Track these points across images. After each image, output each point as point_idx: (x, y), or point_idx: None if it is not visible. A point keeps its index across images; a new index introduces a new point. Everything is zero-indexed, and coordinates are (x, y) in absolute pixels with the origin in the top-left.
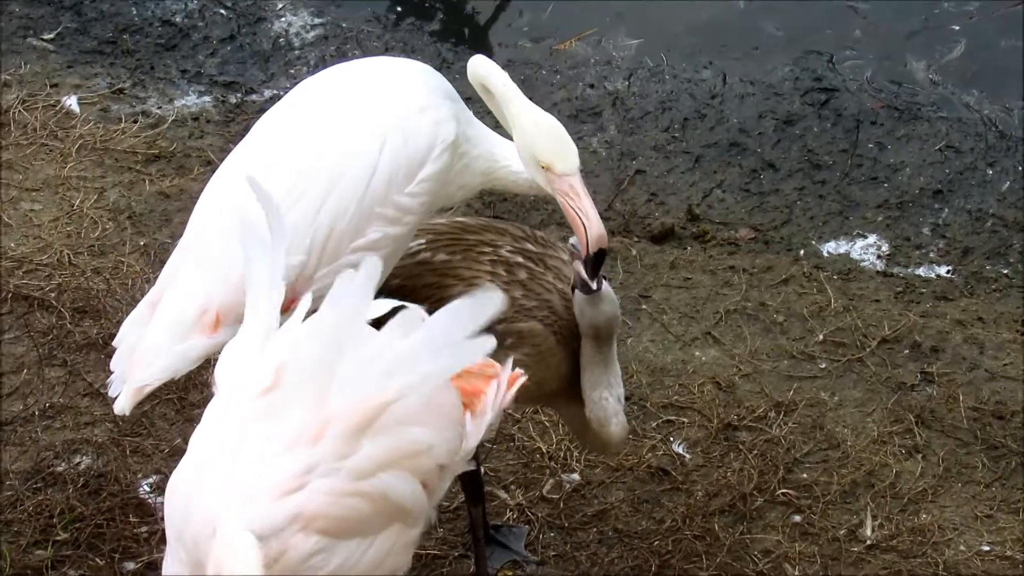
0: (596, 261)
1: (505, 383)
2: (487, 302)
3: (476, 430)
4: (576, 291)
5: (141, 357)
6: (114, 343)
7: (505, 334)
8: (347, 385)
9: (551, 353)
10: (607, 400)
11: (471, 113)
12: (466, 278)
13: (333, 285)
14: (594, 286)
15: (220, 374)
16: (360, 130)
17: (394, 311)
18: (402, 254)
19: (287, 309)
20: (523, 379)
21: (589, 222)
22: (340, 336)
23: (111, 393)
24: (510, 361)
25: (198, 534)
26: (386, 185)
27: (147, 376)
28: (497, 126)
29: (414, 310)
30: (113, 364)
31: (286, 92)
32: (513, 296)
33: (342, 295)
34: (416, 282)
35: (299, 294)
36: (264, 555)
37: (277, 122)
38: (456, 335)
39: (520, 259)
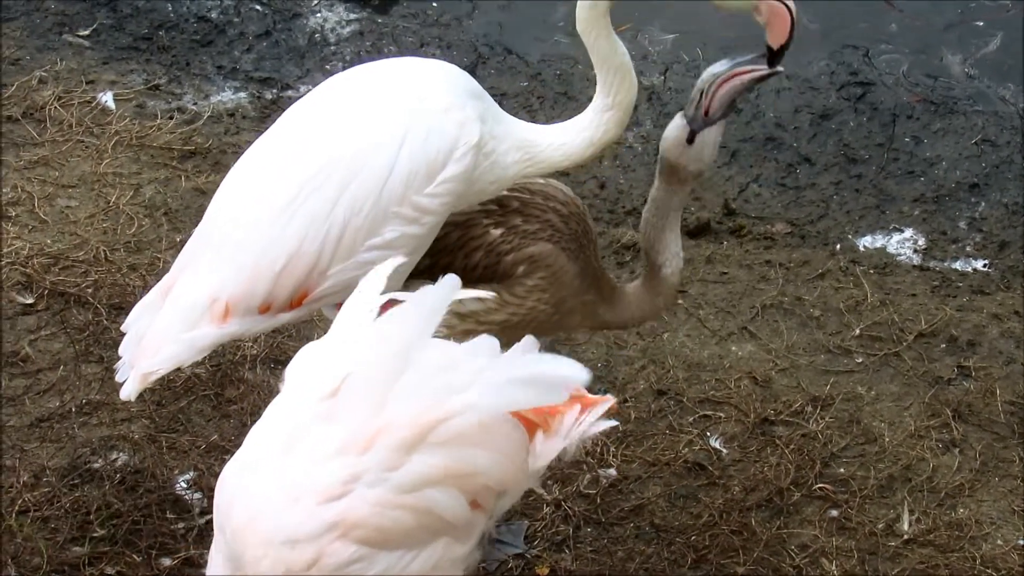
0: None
1: (589, 411)
2: (571, 368)
3: (546, 451)
4: (699, 133)
5: (149, 344)
6: (123, 327)
7: (515, 263)
8: (404, 398)
9: (564, 271)
10: (679, 255)
11: (498, 108)
12: (460, 223)
13: (407, 299)
14: (781, 68)
15: (290, 373)
16: (380, 128)
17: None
18: (424, 252)
19: (299, 303)
20: (610, 403)
21: (793, 9)
22: (405, 350)
23: (118, 378)
24: (603, 399)
25: (237, 528)
26: (404, 185)
27: (154, 363)
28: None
29: (488, 339)
30: (122, 349)
31: None
32: (514, 224)
33: (415, 309)
34: None
35: (312, 289)
36: (299, 559)
37: (299, 117)
38: (528, 375)
39: (504, 192)
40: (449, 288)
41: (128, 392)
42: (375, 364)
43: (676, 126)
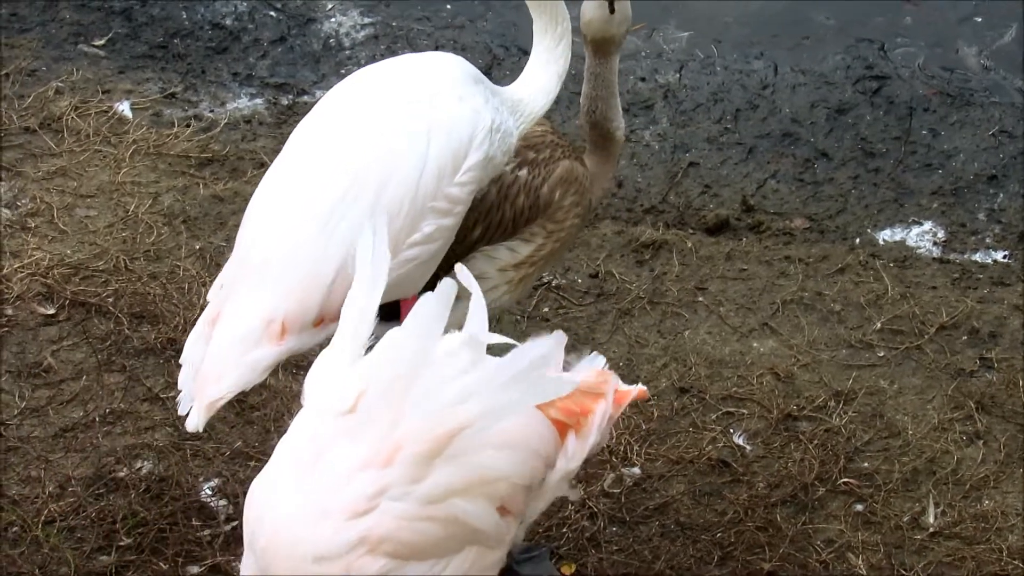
0: None
1: (611, 402)
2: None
3: (580, 451)
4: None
5: (209, 372)
6: (180, 361)
7: (551, 190)
8: (420, 409)
9: (584, 175)
10: (622, 116)
11: (490, 83)
12: (494, 180)
13: (412, 308)
14: None
15: (308, 388)
16: (406, 127)
17: None
18: (451, 242)
19: None
20: (637, 391)
21: None
22: (415, 361)
23: (180, 411)
24: (616, 379)
25: (266, 546)
26: (436, 178)
27: (219, 390)
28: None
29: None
30: (180, 383)
31: None
32: (531, 159)
33: (418, 318)
34: None
35: None
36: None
37: (317, 128)
38: (536, 369)
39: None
40: (447, 293)
41: (194, 423)
42: (388, 378)
43: (594, 6)
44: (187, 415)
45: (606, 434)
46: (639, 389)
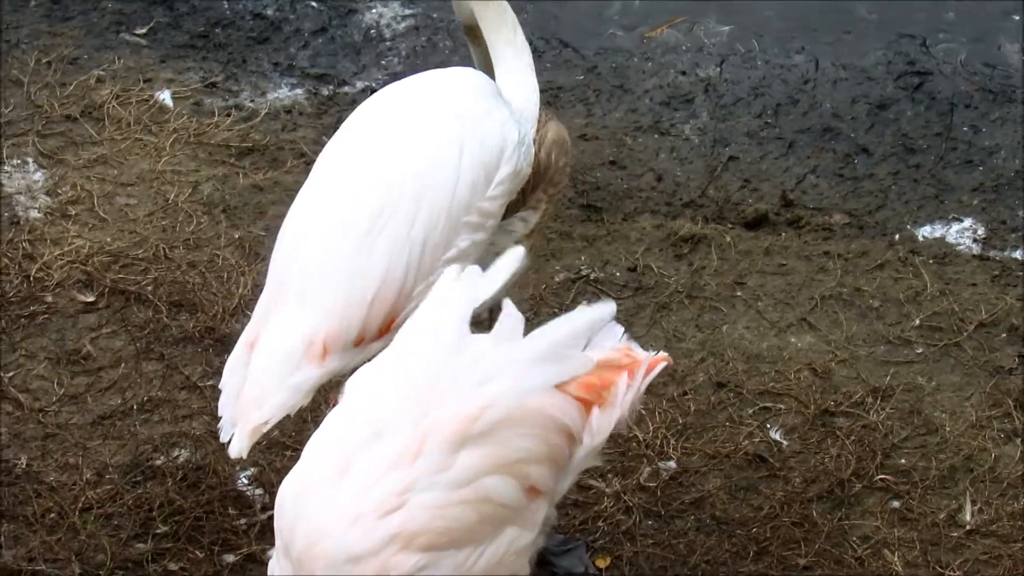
0: None
1: (641, 374)
2: (594, 317)
3: (605, 425)
4: None
5: (252, 397)
6: (219, 387)
7: (548, 153)
8: (444, 398)
9: (567, 134)
10: None
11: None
12: None
13: (431, 302)
14: None
15: (349, 387)
16: (438, 142)
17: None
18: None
19: (387, 330)
20: (664, 362)
21: None
22: (441, 358)
23: (222, 438)
24: (638, 349)
25: (301, 553)
26: (470, 192)
27: (263, 415)
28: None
29: (515, 318)
30: (220, 409)
31: (378, 83)
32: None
33: (438, 311)
34: None
35: (398, 313)
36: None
37: (348, 147)
38: (554, 349)
39: None
40: (473, 287)
41: (238, 449)
42: (413, 377)
43: None
44: (229, 442)
45: (635, 408)
46: (661, 355)
